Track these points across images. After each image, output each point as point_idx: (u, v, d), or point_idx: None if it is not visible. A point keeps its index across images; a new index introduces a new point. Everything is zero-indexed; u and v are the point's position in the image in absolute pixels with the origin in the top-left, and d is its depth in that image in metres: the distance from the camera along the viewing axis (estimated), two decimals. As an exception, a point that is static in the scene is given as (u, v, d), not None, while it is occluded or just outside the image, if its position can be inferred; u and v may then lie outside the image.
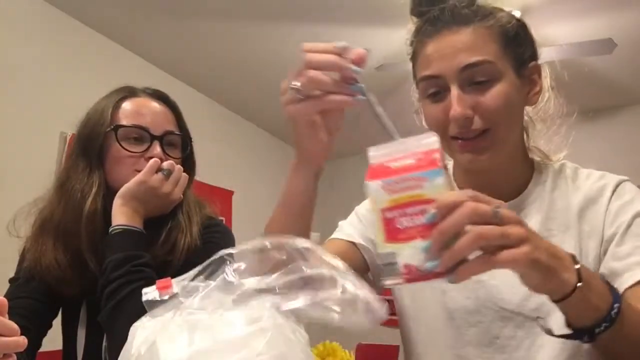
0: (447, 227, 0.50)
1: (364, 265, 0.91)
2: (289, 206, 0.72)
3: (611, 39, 2.60)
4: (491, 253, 0.51)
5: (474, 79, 0.75)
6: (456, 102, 0.75)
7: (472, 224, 0.50)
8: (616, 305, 0.59)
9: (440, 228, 0.50)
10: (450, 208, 0.50)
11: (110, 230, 0.94)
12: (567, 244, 0.79)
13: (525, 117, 0.87)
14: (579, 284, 0.56)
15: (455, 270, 0.50)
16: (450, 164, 0.89)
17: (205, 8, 2.68)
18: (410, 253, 0.51)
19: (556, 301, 0.59)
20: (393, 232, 0.51)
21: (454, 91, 0.76)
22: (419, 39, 0.82)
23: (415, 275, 0.51)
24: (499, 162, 0.81)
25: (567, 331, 0.62)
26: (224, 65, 3.28)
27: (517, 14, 0.86)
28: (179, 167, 1.01)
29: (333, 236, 0.93)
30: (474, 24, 0.77)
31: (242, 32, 2.91)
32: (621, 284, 0.71)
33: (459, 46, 0.76)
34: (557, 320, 0.65)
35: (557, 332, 0.63)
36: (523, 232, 0.52)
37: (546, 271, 0.55)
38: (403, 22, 0.86)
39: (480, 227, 0.50)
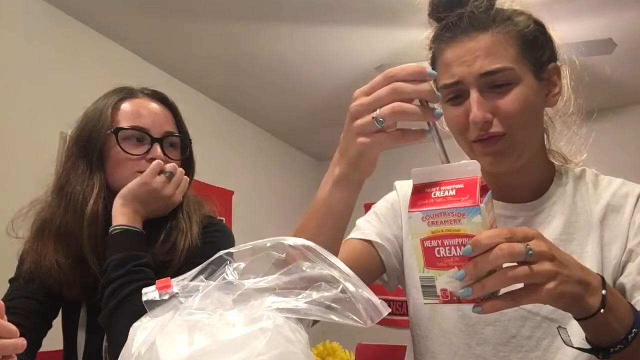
0: (482, 265, 0.54)
1: (380, 266, 0.90)
2: (325, 217, 0.69)
3: (611, 39, 2.60)
4: (520, 290, 0.57)
5: (493, 83, 0.77)
6: (476, 106, 0.76)
7: (506, 262, 0.55)
8: (634, 330, 0.62)
9: (476, 264, 0.54)
10: (486, 248, 0.54)
11: (110, 230, 0.94)
12: (588, 248, 0.81)
13: (545, 118, 0.87)
14: (601, 310, 0.60)
15: (483, 302, 0.56)
16: None
17: (205, 8, 2.68)
18: (447, 280, 0.56)
19: (577, 320, 0.63)
20: (432, 260, 0.57)
21: (474, 95, 0.77)
22: (438, 45, 0.83)
23: (450, 299, 0.57)
24: (520, 164, 0.82)
25: (585, 345, 0.65)
26: (224, 65, 3.28)
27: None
28: (180, 170, 1.01)
29: (350, 236, 0.93)
30: (492, 30, 0.78)
31: (242, 32, 2.91)
32: (636, 300, 0.73)
33: (478, 53, 0.77)
34: (573, 329, 0.67)
35: (575, 345, 0.66)
36: (551, 269, 0.56)
37: (570, 300, 0.59)
38: (403, 22, 0.86)
39: (512, 270, 0.55)
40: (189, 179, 1.05)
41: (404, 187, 0.97)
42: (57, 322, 1.08)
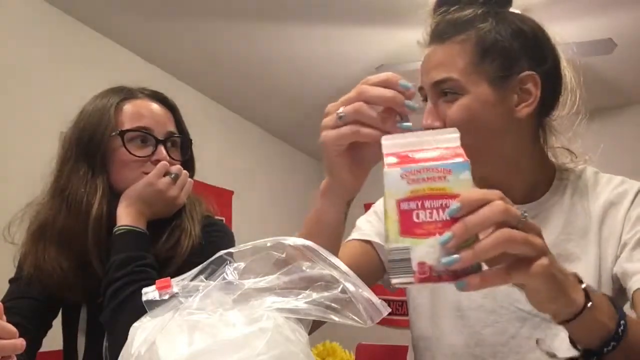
0: (475, 221, 0.46)
1: (380, 267, 0.91)
2: (319, 227, 0.70)
3: (611, 39, 2.60)
4: (508, 265, 0.49)
5: (444, 93, 0.81)
6: (425, 115, 0.82)
7: (498, 225, 0.47)
8: (622, 322, 0.58)
9: (467, 221, 0.46)
10: (479, 204, 0.47)
11: (114, 231, 0.94)
12: (587, 248, 0.81)
13: (547, 119, 0.86)
14: (589, 304, 0.55)
15: (469, 276, 0.47)
16: None
17: (206, 8, 2.68)
18: (427, 250, 0.47)
19: (563, 322, 0.57)
20: (409, 226, 0.47)
21: (428, 104, 0.83)
22: (421, 50, 0.87)
23: (429, 276, 0.47)
24: (488, 170, 0.82)
25: (573, 353, 0.61)
26: (224, 65, 3.28)
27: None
28: (185, 172, 1.02)
29: (350, 237, 0.93)
30: (450, 40, 0.81)
31: (242, 32, 2.91)
32: (631, 287, 0.73)
33: (432, 63, 0.82)
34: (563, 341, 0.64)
35: (561, 355, 0.62)
36: (544, 244, 0.50)
37: (558, 289, 0.52)
38: (403, 22, 0.88)
39: (509, 230, 0.47)
40: (192, 182, 1.05)
41: None
42: (57, 322, 1.08)
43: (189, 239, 0.99)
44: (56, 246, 0.98)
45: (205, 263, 0.54)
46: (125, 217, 0.95)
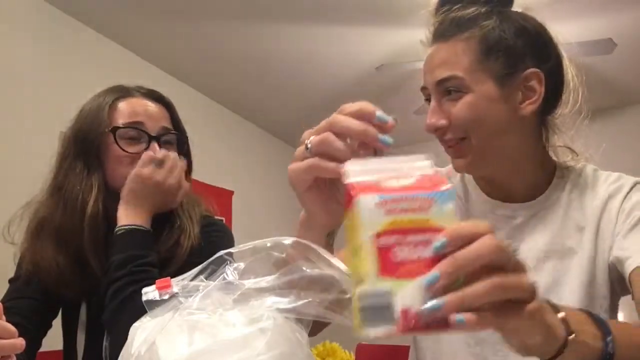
0: (465, 258, 0.40)
1: None
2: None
3: (611, 39, 2.61)
4: (497, 309, 0.42)
5: (448, 91, 0.81)
6: (430, 114, 0.82)
7: (490, 262, 0.41)
8: (609, 338, 0.53)
9: (457, 258, 0.40)
10: (468, 239, 0.41)
11: (115, 231, 0.94)
12: (583, 243, 0.82)
13: (549, 117, 0.86)
14: (570, 337, 0.49)
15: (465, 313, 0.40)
16: None
17: (205, 7, 2.68)
18: (412, 294, 0.39)
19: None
20: (389, 265, 0.40)
21: (432, 103, 0.82)
22: (424, 49, 0.87)
23: (413, 323, 0.39)
24: (496, 168, 0.83)
25: None
26: (224, 64, 3.28)
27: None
28: (174, 155, 1.00)
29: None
30: (453, 38, 0.81)
31: (242, 32, 2.91)
32: (626, 271, 0.74)
33: (436, 62, 0.82)
34: None
35: None
36: (534, 285, 0.44)
37: (545, 331, 0.47)
38: (403, 22, 0.88)
39: (501, 278, 0.41)
40: (185, 162, 1.03)
41: None
42: (57, 322, 1.08)
43: (188, 240, 0.99)
44: (53, 243, 0.98)
45: (205, 263, 0.54)
46: (124, 217, 0.95)
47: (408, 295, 0.39)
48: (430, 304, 0.39)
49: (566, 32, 0.88)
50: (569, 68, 0.86)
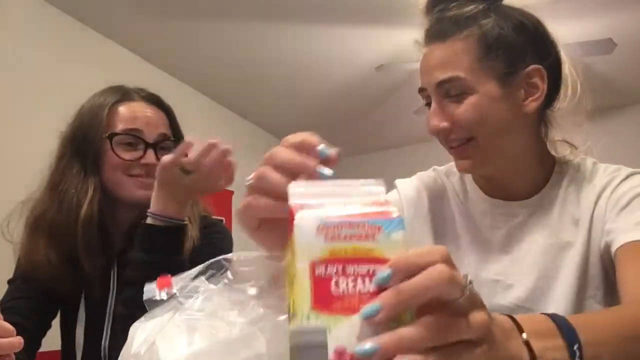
0: (411, 289, 0.35)
1: None
2: None
3: (611, 39, 2.61)
4: (445, 351, 0.36)
5: (449, 93, 0.79)
6: (431, 117, 0.80)
7: (439, 295, 0.36)
8: (575, 346, 0.47)
9: (401, 289, 0.35)
10: (416, 269, 0.36)
11: (147, 213, 0.90)
12: (578, 235, 0.82)
13: (548, 111, 0.86)
14: None
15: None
16: None
17: (205, 8, 2.68)
18: (348, 332, 0.35)
19: None
20: (325, 298, 0.35)
21: (433, 105, 0.81)
22: (420, 48, 0.85)
23: None
24: (499, 167, 0.83)
25: None
26: (224, 64, 3.28)
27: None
28: (189, 140, 0.92)
29: None
30: (452, 37, 0.79)
31: (242, 32, 2.91)
32: (613, 252, 0.74)
33: (434, 63, 0.80)
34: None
35: None
36: (487, 322, 0.39)
37: None
38: (403, 22, 0.87)
39: (447, 319, 0.36)
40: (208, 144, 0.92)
41: (405, 187, 0.97)
42: (57, 322, 1.08)
43: (188, 241, 0.99)
44: (47, 239, 0.99)
45: (204, 265, 0.54)
46: (155, 201, 0.89)
47: (344, 333, 0.35)
48: (365, 347, 0.34)
49: (566, 32, 0.88)
50: (565, 62, 0.86)
